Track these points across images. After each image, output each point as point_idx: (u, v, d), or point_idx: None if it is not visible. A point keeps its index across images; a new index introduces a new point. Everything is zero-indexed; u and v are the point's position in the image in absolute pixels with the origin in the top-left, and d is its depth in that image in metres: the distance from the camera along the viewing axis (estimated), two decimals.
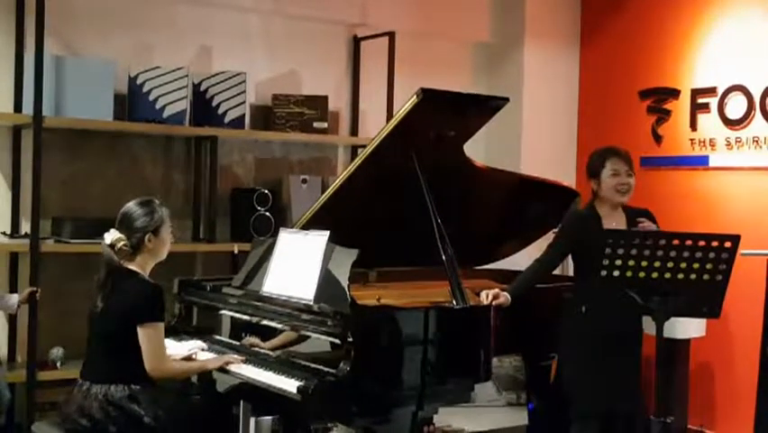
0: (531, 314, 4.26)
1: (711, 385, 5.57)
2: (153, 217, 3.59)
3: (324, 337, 3.42)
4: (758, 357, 4.70)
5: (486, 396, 5.83)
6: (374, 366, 3.33)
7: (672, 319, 3.37)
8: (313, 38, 5.66)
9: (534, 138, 6.27)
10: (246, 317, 3.85)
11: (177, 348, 3.78)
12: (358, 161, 3.92)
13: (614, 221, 4.00)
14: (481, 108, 3.99)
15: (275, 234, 4.57)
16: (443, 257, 3.74)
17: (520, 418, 5.44)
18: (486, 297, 3.81)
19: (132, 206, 3.61)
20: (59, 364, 4.68)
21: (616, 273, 3.15)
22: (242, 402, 4.23)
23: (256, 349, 3.74)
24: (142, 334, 3.43)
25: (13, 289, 4.64)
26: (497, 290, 3.88)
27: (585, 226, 3.98)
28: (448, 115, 3.86)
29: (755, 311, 4.73)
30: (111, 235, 3.54)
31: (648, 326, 4.07)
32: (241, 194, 5.25)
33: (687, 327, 5.19)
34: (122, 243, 3.52)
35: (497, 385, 6.00)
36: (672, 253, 3.13)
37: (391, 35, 5.63)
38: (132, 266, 3.56)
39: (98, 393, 3.42)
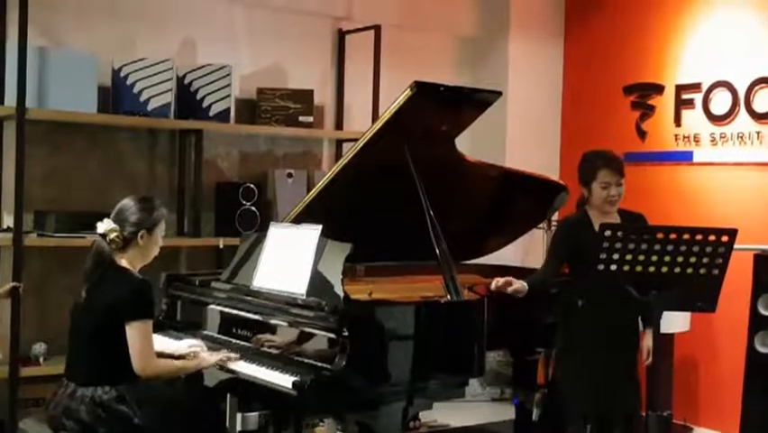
0: (518, 309, 4.26)
1: (695, 380, 5.60)
2: (152, 215, 3.50)
3: (318, 332, 3.38)
4: (743, 352, 4.73)
5: (470, 391, 5.82)
6: (370, 361, 3.30)
7: None
8: (298, 31, 5.62)
9: (519, 132, 6.27)
10: (236, 312, 3.81)
11: (175, 345, 3.71)
12: (350, 153, 3.89)
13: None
14: (474, 102, 3.97)
15: (260, 229, 4.56)
16: (437, 251, 3.72)
17: (505, 413, 5.45)
18: (496, 283, 3.79)
19: (131, 200, 3.52)
20: (41, 360, 4.61)
21: (613, 267, 3.14)
22: (228, 397, 4.20)
23: (246, 344, 3.70)
24: (130, 332, 3.35)
25: None
26: (510, 277, 3.86)
27: (578, 233, 3.94)
28: (441, 109, 3.84)
29: (740, 306, 4.75)
30: (104, 225, 3.45)
31: None
32: (226, 188, 5.21)
33: (671, 322, 5.21)
34: (114, 233, 3.43)
35: (481, 380, 6.00)
36: (670, 247, 3.13)
37: (377, 29, 5.61)
38: (121, 262, 3.49)
39: (85, 396, 3.35)
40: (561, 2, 6.47)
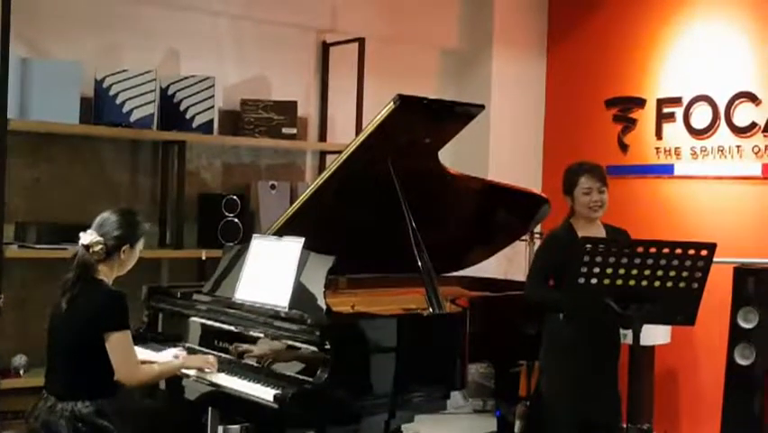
0: (499, 321, 4.27)
1: (675, 392, 5.62)
2: (136, 230, 3.49)
3: (300, 345, 3.38)
4: (723, 365, 4.77)
5: (452, 403, 5.82)
6: (352, 374, 3.30)
7: None
8: (282, 43, 5.63)
9: (501, 145, 6.30)
10: (218, 325, 3.80)
11: (159, 357, 3.70)
12: (333, 166, 3.90)
13: (592, 234, 4.01)
14: (457, 115, 4.00)
15: (243, 241, 4.54)
16: (419, 264, 3.73)
17: (487, 425, 5.45)
18: None
19: (114, 212, 3.48)
20: (22, 372, 4.58)
21: (593, 281, 3.16)
22: (210, 410, 4.19)
23: (228, 357, 3.69)
24: (110, 342, 3.33)
25: None
26: None
27: (563, 247, 3.96)
28: (424, 122, 3.86)
29: (720, 319, 4.79)
30: (89, 237, 3.40)
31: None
32: (209, 199, 5.20)
33: (652, 334, 5.23)
34: (99, 246, 3.40)
35: (463, 392, 6.00)
36: (650, 261, 3.16)
37: (361, 41, 5.63)
38: (99, 274, 3.45)
39: (65, 410, 3.32)
40: (543, 16, 6.51)
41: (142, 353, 3.74)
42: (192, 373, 3.60)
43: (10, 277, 4.51)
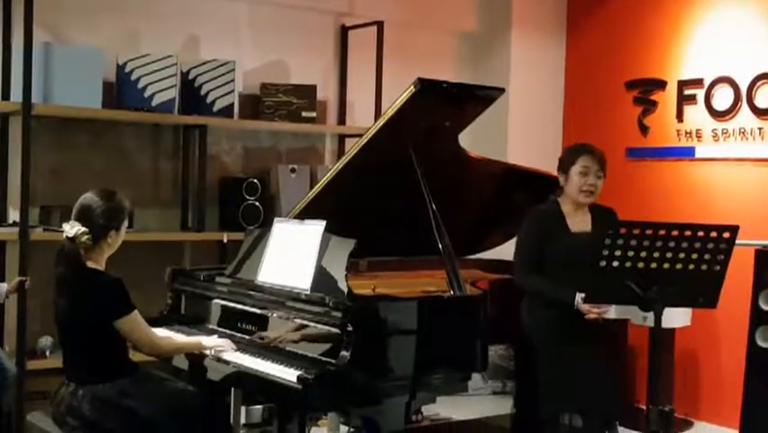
0: (519, 303, 4.28)
1: (696, 374, 5.63)
2: (120, 213, 3.47)
3: (322, 327, 3.41)
4: (744, 347, 4.76)
5: (472, 384, 5.85)
6: (374, 356, 3.32)
7: None
8: (301, 27, 5.65)
9: (521, 128, 6.29)
10: (241, 307, 3.83)
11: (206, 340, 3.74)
12: (354, 149, 3.92)
13: (578, 219, 3.98)
14: (477, 99, 4.00)
15: (264, 224, 4.58)
16: (440, 246, 3.75)
17: (506, 406, 5.47)
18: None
19: (95, 198, 3.44)
20: (48, 353, 4.65)
21: (615, 264, 3.17)
22: (233, 390, 4.24)
23: (252, 338, 3.73)
24: (124, 327, 3.39)
25: (1, 278, 4.59)
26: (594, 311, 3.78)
27: (548, 223, 3.95)
28: (444, 106, 3.87)
29: (741, 301, 4.78)
30: (74, 229, 3.36)
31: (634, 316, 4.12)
32: (230, 183, 5.24)
33: (672, 317, 5.22)
34: (85, 236, 3.37)
35: (483, 374, 6.02)
36: (672, 244, 3.15)
37: (379, 24, 5.63)
38: (90, 264, 3.44)
39: (87, 394, 3.37)
40: None
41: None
42: (210, 353, 3.64)
43: (35, 260, 4.56)
